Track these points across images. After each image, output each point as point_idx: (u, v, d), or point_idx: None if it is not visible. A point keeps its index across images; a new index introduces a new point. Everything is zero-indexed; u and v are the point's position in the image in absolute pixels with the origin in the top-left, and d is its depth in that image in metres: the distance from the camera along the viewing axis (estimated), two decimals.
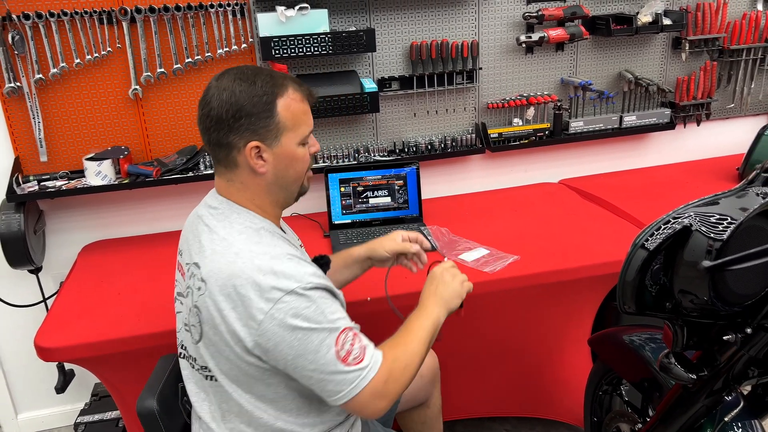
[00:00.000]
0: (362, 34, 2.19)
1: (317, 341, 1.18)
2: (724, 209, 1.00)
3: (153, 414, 1.34)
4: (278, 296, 1.16)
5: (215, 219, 1.29)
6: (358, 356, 1.22)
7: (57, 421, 2.56)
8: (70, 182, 2.15)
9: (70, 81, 2.14)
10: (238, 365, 1.24)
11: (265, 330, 1.17)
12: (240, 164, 1.27)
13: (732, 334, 1.12)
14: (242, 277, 1.18)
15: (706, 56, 2.68)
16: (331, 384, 1.20)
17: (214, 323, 1.21)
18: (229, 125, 1.22)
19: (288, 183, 1.32)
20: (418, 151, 2.46)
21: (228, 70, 1.27)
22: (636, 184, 2.59)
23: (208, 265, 1.23)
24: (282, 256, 1.22)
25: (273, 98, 1.24)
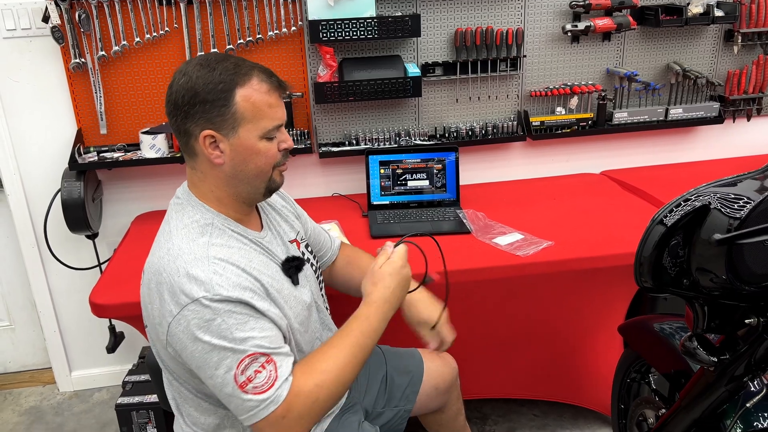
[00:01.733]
0: (408, 19, 2.24)
1: (216, 359, 1.14)
2: (744, 189, 1.01)
3: (157, 367, 1.40)
4: (185, 302, 1.14)
5: (174, 210, 1.30)
6: (261, 386, 1.14)
7: (107, 380, 2.73)
8: (126, 154, 2.28)
9: (130, 59, 2.27)
10: (168, 357, 1.25)
11: (173, 333, 1.16)
12: (198, 153, 1.23)
13: (754, 317, 1.13)
14: (163, 275, 1.18)
15: (759, 50, 2.62)
16: (230, 404, 1.18)
17: (146, 314, 1.26)
18: (185, 111, 1.19)
19: (249, 177, 1.26)
20: (459, 136, 2.50)
21: (196, 57, 1.26)
22: (680, 178, 2.56)
23: (150, 256, 1.27)
24: (205, 260, 1.17)
25: (231, 87, 1.19)
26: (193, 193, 1.29)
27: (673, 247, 1.05)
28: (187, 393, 1.31)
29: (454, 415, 1.86)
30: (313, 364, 1.23)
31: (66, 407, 2.64)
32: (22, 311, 2.68)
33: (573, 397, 2.32)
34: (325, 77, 2.32)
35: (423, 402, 1.73)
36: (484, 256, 1.94)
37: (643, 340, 1.79)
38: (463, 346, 2.10)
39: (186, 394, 1.32)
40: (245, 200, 1.31)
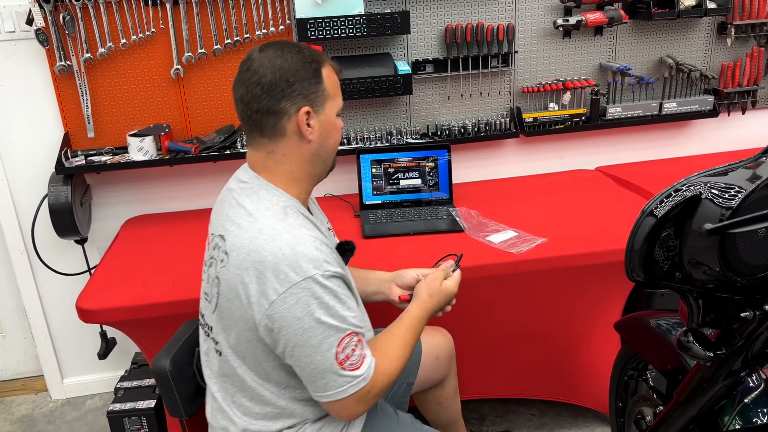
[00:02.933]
0: (397, 16, 2.21)
1: (321, 337, 1.18)
2: (735, 179, 0.99)
3: (165, 373, 1.38)
4: (295, 280, 1.16)
5: (244, 194, 1.29)
6: (356, 363, 1.22)
7: (99, 386, 2.69)
8: (114, 157, 2.25)
9: (117, 60, 2.24)
10: (245, 340, 1.25)
11: (275, 311, 1.17)
12: (288, 132, 1.26)
13: (750, 311, 1.10)
14: (262, 254, 1.18)
15: (753, 42, 2.60)
16: (320, 381, 1.21)
17: (230, 296, 1.23)
18: (282, 90, 1.23)
19: (327, 153, 1.34)
20: (451, 134, 2.47)
21: (268, 44, 1.29)
22: (676, 172, 2.50)
23: (232, 239, 1.24)
24: (305, 238, 1.21)
25: (319, 65, 1.28)
26: (264, 177, 1.31)
27: (664, 239, 1.03)
28: (250, 381, 1.30)
29: (453, 393, 1.87)
30: (385, 347, 1.32)
31: (58, 415, 2.60)
32: (12, 318, 2.65)
33: (570, 396, 2.29)
34: None
35: (426, 374, 1.74)
36: (478, 255, 1.91)
37: (639, 337, 1.77)
38: (459, 345, 2.08)
39: (247, 383, 1.30)
40: (317, 179, 1.37)
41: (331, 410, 1.27)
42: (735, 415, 1.31)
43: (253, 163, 1.33)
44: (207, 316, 1.36)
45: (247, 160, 1.35)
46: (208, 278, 1.33)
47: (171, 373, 1.38)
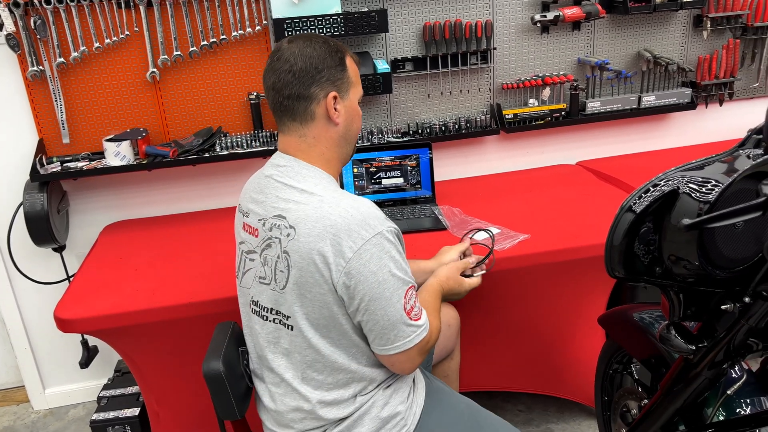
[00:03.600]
0: (374, 14, 2.20)
1: (392, 288, 1.28)
2: (712, 172, 0.99)
3: (219, 375, 1.38)
4: (367, 236, 1.25)
5: (287, 175, 1.36)
6: (418, 314, 1.33)
7: (82, 396, 2.65)
8: (90, 163, 2.22)
9: (90, 64, 2.20)
10: (321, 305, 1.30)
11: (352, 267, 1.25)
12: (317, 116, 1.35)
13: (730, 303, 1.11)
14: (332, 219, 1.26)
15: (728, 34, 2.62)
16: (391, 333, 1.30)
17: (303, 264, 1.28)
18: (312, 76, 1.33)
19: (352, 137, 1.43)
20: (432, 132, 2.47)
21: (295, 36, 1.39)
22: (655, 165, 2.52)
23: (294, 214, 1.30)
24: (363, 200, 1.31)
25: (344, 55, 1.38)
26: (301, 158, 1.38)
27: (643, 234, 1.03)
28: (323, 349, 1.34)
29: (457, 366, 1.93)
30: (428, 306, 1.44)
31: (41, 426, 2.56)
32: None
33: (557, 390, 2.30)
34: None
35: (441, 342, 1.77)
36: None
37: (623, 331, 1.77)
38: None
39: (321, 352, 1.34)
40: (344, 161, 1.46)
41: (396, 363, 1.35)
42: (718, 407, 1.32)
43: (286, 147, 1.40)
44: (264, 299, 1.39)
45: (280, 146, 1.42)
46: (265, 261, 1.37)
47: (225, 375, 1.39)
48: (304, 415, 1.38)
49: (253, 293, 1.43)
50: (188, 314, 1.76)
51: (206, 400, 1.90)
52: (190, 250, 2.08)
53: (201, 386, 1.95)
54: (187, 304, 1.76)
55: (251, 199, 1.43)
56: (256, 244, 1.39)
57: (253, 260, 1.41)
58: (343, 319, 1.32)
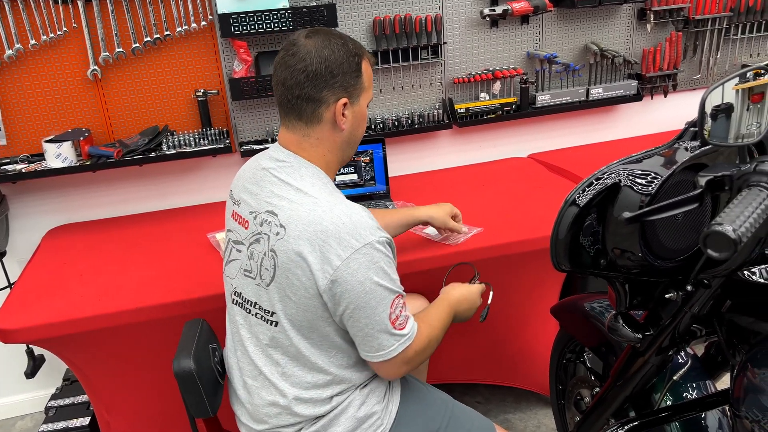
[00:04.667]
0: (323, 9, 2.17)
1: (378, 298, 1.27)
2: (651, 165, 1.01)
3: (191, 373, 1.36)
4: (357, 246, 1.24)
5: (284, 171, 1.34)
6: (403, 323, 1.32)
7: (29, 407, 2.56)
8: (30, 165, 2.13)
9: (27, 62, 2.11)
10: (305, 308, 1.29)
11: (339, 275, 1.24)
12: (324, 119, 1.32)
13: (674, 292, 1.13)
14: (323, 224, 1.24)
15: (671, 27, 2.69)
16: (375, 341, 1.30)
17: (289, 266, 1.26)
18: (326, 81, 1.29)
19: (355, 141, 1.41)
20: (385, 127, 2.46)
21: (314, 31, 1.34)
22: (604, 156, 2.54)
23: (287, 212, 1.28)
24: (357, 208, 1.29)
25: (360, 59, 1.34)
26: (301, 155, 1.35)
27: (587, 227, 1.04)
28: (304, 350, 1.34)
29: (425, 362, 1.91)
30: (427, 317, 1.46)
31: None
32: None
33: (513, 380, 2.33)
34: (240, 72, 2.23)
35: None
36: (416, 248, 1.91)
37: (574, 321, 1.80)
38: None
39: (302, 352, 1.34)
40: (344, 163, 1.44)
41: (380, 369, 1.36)
42: (666, 392, 1.35)
43: (287, 143, 1.37)
44: (248, 292, 1.38)
45: (280, 140, 1.39)
46: (251, 255, 1.35)
47: (196, 372, 1.37)
48: (279, 410, 1.37)
49: (236, 284, 1.42)
50: (137, 320, 1.71)
51: (157, 406, 1.86)
52: (138, 254, 2.02)
53: (151, 393, 1.91)
54: (135, 310, 1.70)
55: (245, 188, 1.41)
56: (245, 236, 1.38)
57: (240, 251, 1.39)
58: (327, 322, 1.32)
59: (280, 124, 1.38)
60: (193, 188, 2.42)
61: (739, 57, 2.81)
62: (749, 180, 0.87)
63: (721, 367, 1.41)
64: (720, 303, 1.17)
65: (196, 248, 2.00)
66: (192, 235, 2.09)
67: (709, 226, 0.76)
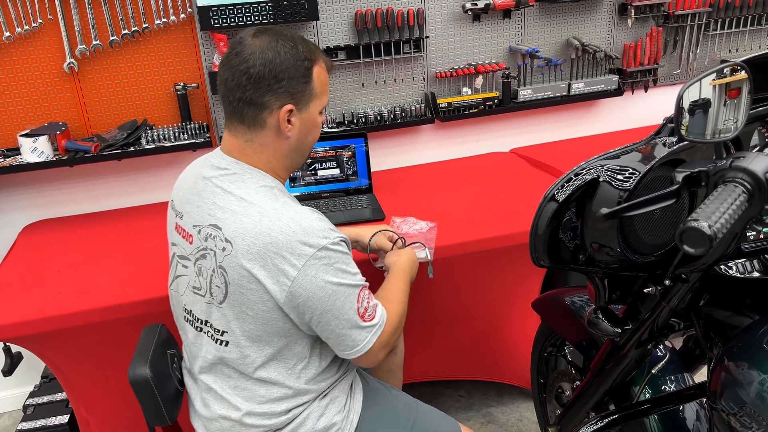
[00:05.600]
0: (304, 2, 2.15)
1: (343, 297, 1.24)
2: (629, 161, 1.01)
3: (147, 381, 1.33)
4: (310, 252, 1.20)
5: (227, 180, 1.28)
6: (372, 313, 1.31)
7: (7, 405, 2.52)
8: (5, 160, 2.09)
9: (1, 55, 2.07)
10: (264, 322, 1.25)
11: (297, 285, 1.20)
12: (267, 125, 1.26)
13: (652, 286, 1.14)
14: (272, 235, 1.19)
15: (652, 22, 2.71)
16: (348, 339, 1.28)
17: (241, 282, 1.22)
18: (269, 85, 1.22)
19: (305, 149, 1.35)
20: (368, 122, 2.45)
21: (263, 29, 1.27)
22: (585, 151, 2.56)
23: (231, 226, 1.22)
24: (305, 212, 1.24)
25: (312, 64, 1.27)
26: (244, 161, 1.29)
27: (566, 222, 1.04)
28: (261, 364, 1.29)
29: (400, 362, 1.91)
30: (389, 294, 1.46)
31: None
32: None
33: (495, 375, 2.34)
34: None
35: None
36: None
37: (555, 315, 1.81)
38: None
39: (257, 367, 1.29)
40: (292, 171, 1.38)
41: (359, 361, 1.34)
42: (645, 385, 1.36)
43: (230, 148, 1.31)
44: (198, 310, 1.33)
45: (223, 145, 1.33)
46: (199, 271, 1.29)
47: (153, 380, 1.33)
48: (231, 424, 1.33)
49: (185, 301, 1.37)
50: (115, 317, 1.69)
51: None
52: (116, 250, 1.99)
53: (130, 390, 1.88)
54: (113, 306, 1.68)
55: (186, 199, 1.34)
56: (190, 251, 1.32)
57: (186, 267, 1.34)
58: (290, 333, 1.28)
59: (224, 127, 1.32)
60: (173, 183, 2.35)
61: (718, 52, 2.84)
62: (725, 176, 0.88)
63: (699, 359, 1.43)
64: (698, 297, 1.18)
65: None
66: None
67: (684, 222, 0.77)
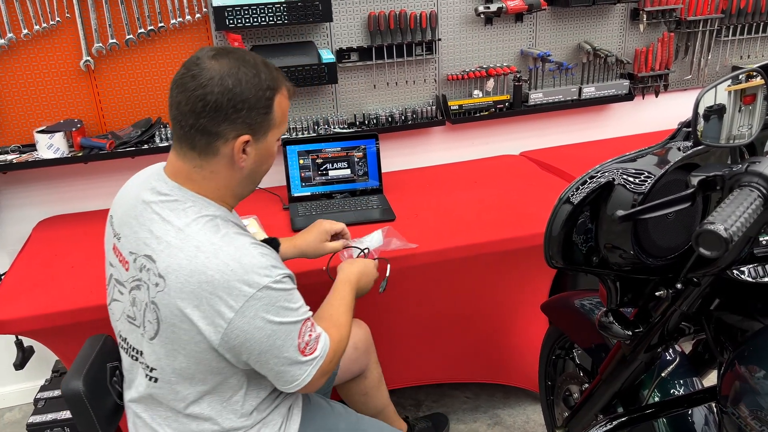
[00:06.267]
0: (318, 3, 2.17)
1: (284, 336, 1.19)
2: (645, 164, 1.02)
3: (79, 396, 1.28)
4: (250, 293, 1.13)
5: (167, 207, 1.19)
6: (313, 346, 1.25)
7: (18, 398, 2.55)
8: (21, 156, 2.11)
9: (19, 52, 2.09)
10: (197, 362, 1.19)
11: (234, 327, 1.14)
12: (220, 154, 1.18)
13: (664, 289, 1.15)
14: (208, 274, 1.12)
15: (663, 27, 2.71)
16: (288, 374, 1.23)
17: (174, 321, 1.15)
18: (227, 114, 1.14)
19: (258, 178, 1.28)
20: (379, 123, 2.46)
21: (224, 51, 1.18)
22: (595, 155, 2.60)
23: (165, 260, 1.15)
24: (247, 248, 1.16)
25: (273, 93, 1.19)
26: (188, 188, 1.22)
27: (580, 225, 1.05)
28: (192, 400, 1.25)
29: (377, 382, 1.87)
30: (333, 319, 1.39)
31: None
32: None
33: (503, 377, 2.34)
34: None
35: (346, 364, 1.74)
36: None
37: (564, 317, 1.82)
38: (392, 333, 2.08)
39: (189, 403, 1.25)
40: (242, 198, 1.31)
41: (301, 390, 1.30)
42: (654, 388, 1.37)
43: (175, 172, 1.23)
44: (133, 340, 1.28)
45: (168, 168, 1.24)
46: (134, 301, 1.24)
47: (85, 395, 1.28)
48: None
49: (120, 328, 1.32)
50: None
51: None
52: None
53: None
54: None
55: (124, 221, 1.27)
56: (126, 278, 1.26)
57: (122, 293, 1.28)
58: (225, 371, 1.22)
59: (171, 148, 1.23)
60: None
61: (730, 58, 2.84)
62: (740, 180, 0.89)
63: (708, 364, 1.43)
64: (709, 301, 1.19)
65: None
66: None
67: (701, 225, 0.78)
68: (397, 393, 2.42)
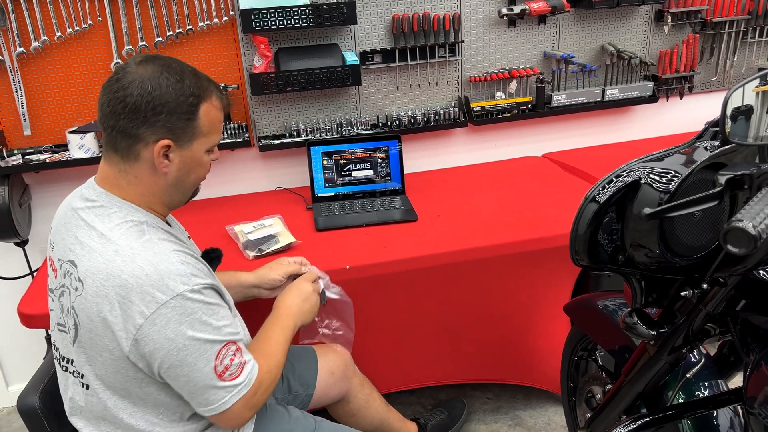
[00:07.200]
0: (343, 6, 2.19)
1: (197, 353, 1.14)
2: (672, 163, 1.03)
3: (35, 411, 1.26)
4: (163, 300, 1.11)
5: (93, 213, 1.19)
6: (235, 372, 1.20)
7: None
8: (53, 155, 2.17)
9: (52, 54, 2.15)
10: (114, 371, 1.18)
11: (144, 335, 1.12)
12: (141, 158, 1.19)
13: (689, 290, 1.15)
14: (122, 277, 1.11)
15: (688, 29, 2.69)
16: (201, 397, 1.19)
17: (90, 326, 1.15)
18: (145, 117, 1.15)
19: (186, 187, 1.27)
20: (401, 124, 2.48)
21: (152, 58, 1.20)
22: (618, 157, 2.56)
23: (85, 264, 1.15)
24: (167, 254, 1.15)
25: (198, 101, 1.19)
26: (115, 194, 1.22)
27: (606, 224, 1.06)
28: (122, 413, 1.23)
29: (365, 402, 1.85)
30: (263, 348, 1.34)
31: (5, 423, 2.51)
32: None
33: (524, 378, 2.34)
34: (260, 68, 2.26)
35: (323, 389, 1.73)
36: (429, 244, 1.93)
37: (587, 318, 1.82)
38: (414, 333, 2.10)
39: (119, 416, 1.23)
40: (172, 207, 1.31)
41: (218, 421, 1.25)
42: (678, 390, 1.36)
43: (103, 178, 1.24)
44: (64, 349, 1.26)
45: (97, 175, 1.26)
46: (61, 308, 1.23)
47: (41, 411, 1.25)
48: None
49: (55, 338, 1.30)
50: None
51: None
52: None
53: None
54: None
55: (56, 230, 1.27)
56: (54, 285, 1.26)
57: (53, 301, 1.28)
58: (144, 382, 1.20)
59: (102, 156, 1.25)
60: (212, 181, 2.41)
61: (756, 60, 2.81)
62: None
63: (734, 367, 1.42)
64: (734, 302, 1.18)
65: (215, 240, 2.03)
66: (210, 227, 2.12)
67: (729, 223, 0.78)
68: (417, 392, 2.43)
